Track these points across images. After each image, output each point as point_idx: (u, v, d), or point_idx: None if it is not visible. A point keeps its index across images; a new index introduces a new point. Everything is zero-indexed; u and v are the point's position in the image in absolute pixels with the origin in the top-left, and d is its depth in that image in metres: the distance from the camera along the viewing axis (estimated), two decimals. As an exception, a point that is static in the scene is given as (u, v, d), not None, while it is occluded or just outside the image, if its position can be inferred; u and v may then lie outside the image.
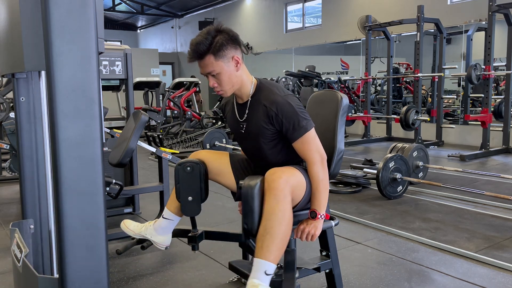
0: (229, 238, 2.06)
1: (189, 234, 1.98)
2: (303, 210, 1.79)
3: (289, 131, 1.72)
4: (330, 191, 4.14)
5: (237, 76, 1.75)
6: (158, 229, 1.96)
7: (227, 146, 6.17)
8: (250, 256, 1.90)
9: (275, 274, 1.67)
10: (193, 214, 1.89)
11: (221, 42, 1.67)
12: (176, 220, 1.95)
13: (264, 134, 1.77)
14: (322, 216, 1.72)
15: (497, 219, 3.32)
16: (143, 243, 2.48)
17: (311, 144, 1.72)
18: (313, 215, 1.72)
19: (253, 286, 1.57)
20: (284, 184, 1.61)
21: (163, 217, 1.96)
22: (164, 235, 1.96)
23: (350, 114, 7.91)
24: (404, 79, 9.73)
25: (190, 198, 1.85)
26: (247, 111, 1.81)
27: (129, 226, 2.02)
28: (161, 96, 9.24)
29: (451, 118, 8.83)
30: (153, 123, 9.27)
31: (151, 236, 1.96)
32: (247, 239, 1.95)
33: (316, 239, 1.75)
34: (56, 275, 1.28)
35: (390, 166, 3.92)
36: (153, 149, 3.16)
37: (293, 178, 1.68)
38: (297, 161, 1.86)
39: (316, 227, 1.72)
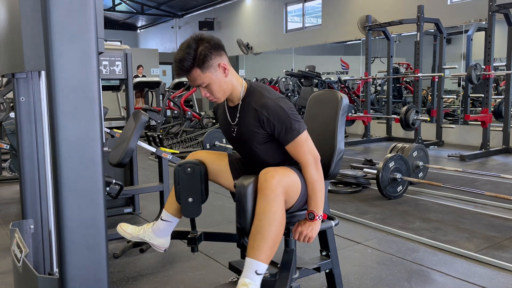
0: (228, 239, 2.06)
1: (189, 236, 1.97)
2: (301, 210, 1.79)
3: (282, 135, 1.71)
4: (330, 191, 4.15)
5: (227, 83, 1.73)
6: (156, 231, 1.94)
7: (227, 146, 6.16)
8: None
9: (270, 274, 1.67)
10: (194, 216, 1.88)
11: (204, 53, 1.63)
12: (175, 222, 1.94)
13: (255, 138, 1.76)
14: (320, 217, 1.72)
15: (497, 219, 3.32)
16: (142, 246, 2.37)
17: (304, 146, 1.71)
18: (311, 217, 1.71)
19: (244, 285, 1.57)
20: (276, 185, 1.60)
21: (161, 219, 1.94)
22: (163, 238, 1.95)
23: (350, 114, 7.91)
24: (404, 79, 9.73)
25: (190, 200, 1.84)
26: (238, 115, 1.80)
27: (126, 229, 2.00)
28: (161, 96, 9.24)
29: (451, 118, 8.83)
30: (153, 123, 9.27)
31: (149, 239, 1.95)
32: (241, 239, 1.95)
33: (314, 240, 1.75)
34: (56, 275, 1.28)
35: (390, 166, 3.92)
36: (153, 149, 3.16)
37: (287, 179, 1.66)
38: (291, 162, 1.85)
39: (313, 228, 1.71)
